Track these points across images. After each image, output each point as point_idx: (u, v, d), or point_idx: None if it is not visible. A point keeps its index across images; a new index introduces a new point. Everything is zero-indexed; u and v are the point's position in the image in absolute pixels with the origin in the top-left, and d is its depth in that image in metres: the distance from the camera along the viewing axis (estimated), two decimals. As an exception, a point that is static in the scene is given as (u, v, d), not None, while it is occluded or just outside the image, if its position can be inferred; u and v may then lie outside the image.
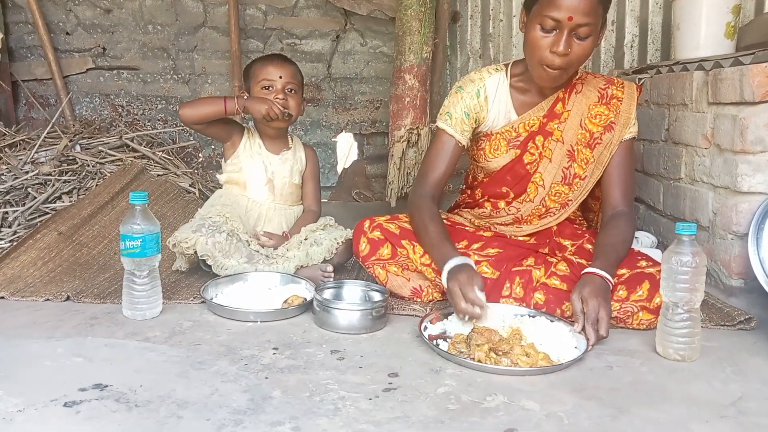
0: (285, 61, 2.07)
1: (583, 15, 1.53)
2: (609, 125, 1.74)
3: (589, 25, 1.55)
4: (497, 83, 1.78)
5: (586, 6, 1.53)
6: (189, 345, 1.40)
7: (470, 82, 1.78)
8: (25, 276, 1.85)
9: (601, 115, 1.75)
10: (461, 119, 1.76)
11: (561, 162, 1.77)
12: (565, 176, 1.77)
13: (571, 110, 1.76)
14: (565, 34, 1.55)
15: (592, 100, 1.76)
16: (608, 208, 1.74)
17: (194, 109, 1.96)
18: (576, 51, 1.58)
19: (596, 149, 1.75)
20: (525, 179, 1.80)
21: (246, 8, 3.33)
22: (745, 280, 1.70)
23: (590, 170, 1.76)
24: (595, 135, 1.75)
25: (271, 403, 1.13)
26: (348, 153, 3.57)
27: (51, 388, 1.17)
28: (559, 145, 1.76)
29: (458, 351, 1.36)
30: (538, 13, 1.58)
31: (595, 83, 1.78)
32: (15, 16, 3.39)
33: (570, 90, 1.77)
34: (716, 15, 2.08)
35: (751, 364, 1.35)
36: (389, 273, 1.71)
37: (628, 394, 1.20)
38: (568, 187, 1.78)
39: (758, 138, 1.64)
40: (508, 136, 1.79)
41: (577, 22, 1.53)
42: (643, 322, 1.52)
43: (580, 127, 1.75)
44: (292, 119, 2.06)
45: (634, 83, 1.81)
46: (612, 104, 1.75)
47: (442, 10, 2.98)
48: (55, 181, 2.58)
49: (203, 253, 1.80)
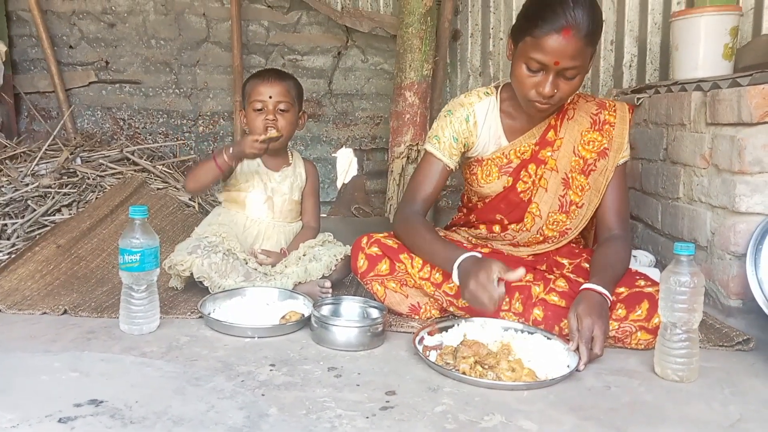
0: (276, 79, 2.03)
1: (569, 59, 1.50)
2: (603, 151, 1.73)
3: (576, 68, 1.52)
4: (487, 108, 1.76)
5: (572, 50, 1.49)
6: (186, 360, 1.40)
7: (460, 106, 1.76)
8: (23, 289, 1.84)
9: (594, 141, 1.74)
10: (449, 144, 1.74)
11: (557, 191, 1.75)
12: (561, 204, 1.76)
13: (563, 137, 1.74)
14: (551, 77, 1.53)
15: (584, 126, 1.74)
16: (603, 231, 1.74)
17: (196, 182, 1.96)
18: (563, 89, 1.56)
19: (591, 176, 1.74)
20: (520, 207, 1.78)
21: (249, 24, 3.36)
22: (743, 300, 1.70)
23: (587, 197, 1.75)
24: (589, 161, 1.73)
25: (267, 420, 1.12)
26: (348, 168, 3.58)
27: (46, 404, 1.16)
28: (553, 173, 1.75)
29: (445, 362, 1.37)
30: (523, 52, 1.55)
31: (587, 108, 1.76)
32: (19, 30, 3.42)
33: (562, 116, 1.75)
34: (714, 36, 2.10)
35: (750, 385, 1.34)
36: (387, 289, 1.71)
37: (627, 415, 1.19)
38: (566, 215, 1.76)
39: (756, 159, 1.65)
40: (499, 162, 1.78)
41: (564, 66, 1.51)
42: (641, 342, 1.52)
43: (574, 154, 1.74)
44: (282, 139, 2.03)
45: (626, 104, 1.80)
46: (605, 130, 1.74)
47: (442, 28, 3.00)
48: (54, 194, 2.59)
49: (199, 275, 1.80)
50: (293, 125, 2.08)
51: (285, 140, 2.08)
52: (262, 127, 2.00)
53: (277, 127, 2.00)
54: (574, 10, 1.48)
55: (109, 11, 3.38)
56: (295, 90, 2.09)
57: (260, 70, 2.13)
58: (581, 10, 1.48)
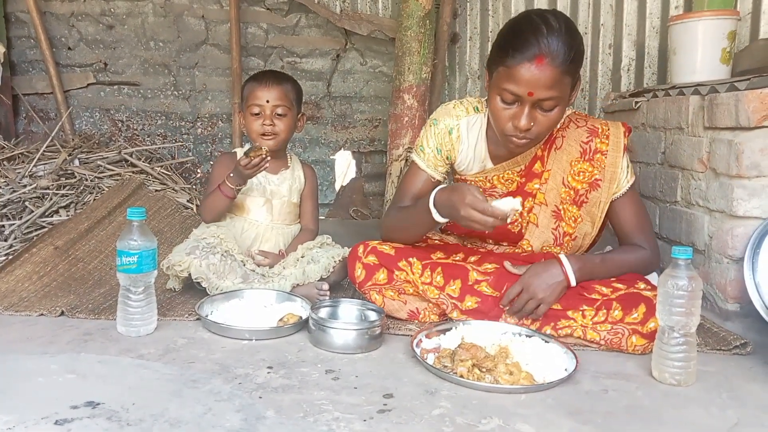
0: (274, 83, 2.02)
1: (544, 89, 1.43)
2: (594, 183, 1.65)
3: (553, 98, 1.45)
4: (473, 125, 1.71)
5: (547, 80, 1.42)
6: (183, 362, 1.40)
7: (447, 116, 1.72)
8: (20, 290, 1.84)
9: (584, 171, 1.65)
10: (434, 155, 1.72)
11: (548, 224, 1.70)
12: (555, 237, 1.71)
13: (551, 169, 1.67)
14: (527, 109, 1.47)
15: (573, 156, 1.66)
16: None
17: (211, 213, 1.99)
18: (541, 122, 1.49)
19: (584, 208, 1.67)
20: (510, 238, 1.76)
21: (247, 26, 3.36)
22: (740, 304, 1.70)
23: (579, 230, 1.69)
24: (580, 192, 1.66)
25: (265, 423, 1.12)
26: (346, 171, 3.57)
27: (43, 406, 1.15)
28: (543, 208, 1.69)
29: (443, 365, 1.37)
30: (497, 83, 1.49)
31: (577, 136, 1.67)
32: (18, 31, 3.42)
33: (549, 146, 1.67)
34: (712, 41, 2.11)
35: (748, 389, 1.34)
36: (386, 298, 1.70)
37: (624, 419, 1.19)
38: (560, 247, 1.72)
39: (754, 163, 1.65)
40: (483, 185, 1.73)
41: (539, 97, 1.44)
42: (637, 348, 1.51)
43: (563, 186, 1.67)
44: (280, 141, 2.04)
45: (622, 125, 1.69)
46: (596, 160, 1.64)
47: (441, 31, 3.01)
48: (52, 195, 2.58)
49: (197, 276, 1.80)
50: (291, 129, 2.08)
51: (283, 142, 2.08)
52: (259, 131, 2.01)
53: (274, 131, 2.01)
54: (548, 38, 1.42)
55: (108, 13, 3.38)
56: (294, 93, 2.08)
57: (259, 73, 2.12)
58: (556, 37, 1.42)
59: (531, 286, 1.54)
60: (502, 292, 1.62)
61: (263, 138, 2.01)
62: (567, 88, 1.48)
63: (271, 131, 2.01)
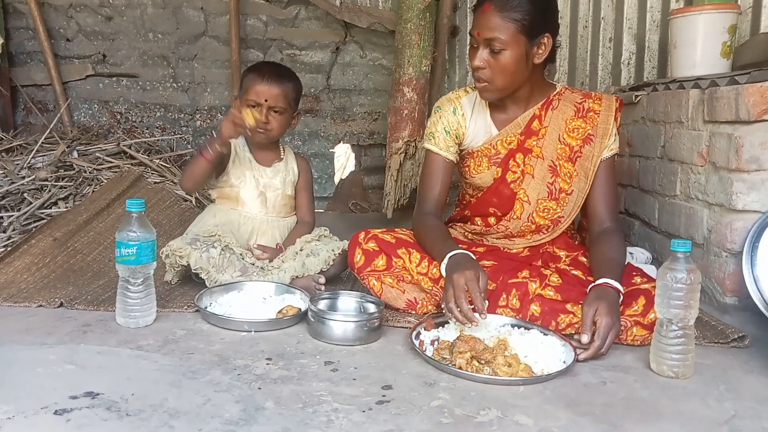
0: (275, 81, 1.99)
1: (488, 30, 1.63)
2: (587, 138, 1.77)
3: (496, 40, 1.63)
4: (473, 101, 1.84)
5: (490, 23, 1.63)
6: (182, 354, 1.40)
7: (447, 101, 1.86)
8: (19, 281, 1.84)
9: (578, 128, 1.78)
10: (443, 137, 1.83)
11: (544, 177, 1.79)
12: (550, 191, 1.79)
13: (548, 126, 1.79)
14: (480, 49, 1.66)
15: (568, 115, 1.79)
16: (595, 225, 1.77)
17: (189, 180, 1.96)
18: (492, 65, 1.66)
19: (578, 162, 1.78)
20: (510, 199, 1.81)
21: (247, 18, 3.34)
22: (739, 297, 1.71)
23: (576, 184, 1.78)
24: (575, 148, 1.78)
25: (264, 414, 1.12)
26: (345, 164, 3.57)
27: (42, 396, 1.16)
28: (539, 161, 1.79)
29: (441, 357, 1.37)
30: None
31: (572, 98, 1.82)
32: (16, 22, 3.40)
33: (546, 106, 1.81)
34: (712, 34, 2.11)
35: (745, 382, 1.35)
36: (384, 284, 1.71)
37: (622, 411, 1.20)
38: (556, 203, 1.79)
39: (753, 157, 1.65)
40: (488, 153, 1.83)
41: (485, 37, 1.64)
42: (637, 338, 1.52)
43: (559, 142, 1.78)
44: (273, 136, 2.04)
45: (615, 96, 1.84)
46: (589, 117, 1.78)
47: (441, 24, 2.99)
48: (51, 187, 2.58)
49: (197, 267, 1.79)
50: (285, 126, 2.06)
51: (274, 138, 2.08)
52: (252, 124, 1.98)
53: (268, 127, 1.99)
54: None
55: (107, 4, 3.36)
56: (294, 93, 2.05)
57: (262, 64, 2.10)
58: None
59: (606, 327, 1.42)
60: (499, 283, 1.65)
61: (255, 131, 1.97)
62: (517, 38, 1.63)
63: (264, 127, 1.99)
